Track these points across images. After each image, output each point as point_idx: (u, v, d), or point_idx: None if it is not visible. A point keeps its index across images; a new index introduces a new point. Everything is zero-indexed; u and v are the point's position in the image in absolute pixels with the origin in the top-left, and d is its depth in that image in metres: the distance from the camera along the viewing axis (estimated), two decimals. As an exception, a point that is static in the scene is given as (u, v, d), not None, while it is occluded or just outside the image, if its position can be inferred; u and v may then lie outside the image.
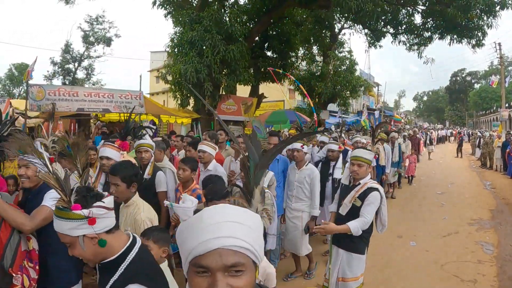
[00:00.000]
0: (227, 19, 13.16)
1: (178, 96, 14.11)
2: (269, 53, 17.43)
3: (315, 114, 9.63)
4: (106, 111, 12.25)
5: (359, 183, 3.51)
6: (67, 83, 33.59)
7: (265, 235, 3.84)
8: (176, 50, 13.50)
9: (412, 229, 7.38)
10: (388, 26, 14.64)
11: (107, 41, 35.58)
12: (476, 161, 20.84)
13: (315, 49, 22.66)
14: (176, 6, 15.27)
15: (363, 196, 3.43)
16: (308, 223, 4.67)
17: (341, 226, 3.39)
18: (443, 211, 9.00)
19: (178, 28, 14.02)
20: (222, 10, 13.22)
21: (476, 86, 70.84)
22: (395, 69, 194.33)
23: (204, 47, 12.17)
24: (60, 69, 35.68)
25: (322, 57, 21.45)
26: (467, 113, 70.26)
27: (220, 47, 12.08)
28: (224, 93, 14.40)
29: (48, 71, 35.34)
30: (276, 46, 16.56)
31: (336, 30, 22.22)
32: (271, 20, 15.16)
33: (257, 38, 16.76)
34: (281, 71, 9.52)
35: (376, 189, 3.46)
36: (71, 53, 35.57)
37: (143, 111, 12.71)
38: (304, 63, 22.00)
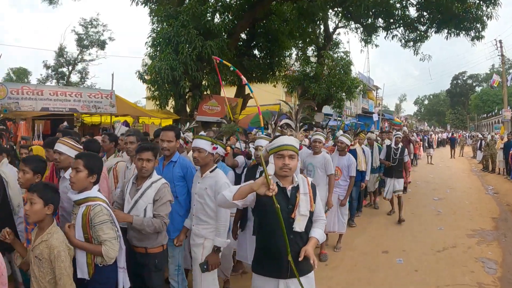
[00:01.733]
0: (208, 14, 12.32)
1: (156, 96, 13.18)
2: (257, 52, 16.54)
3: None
4: (73, 111, 11.48)
5: (297, 183, 2.52)
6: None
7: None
8: (156, 48, 12.67)
9: (401, 242, 6.33)
10: (380, 19, 13.62)
11: (101, 44, 35.34)
12: (478, 164, 19.79)
13: (310, 50, 21.97)
14: (158, 3, 14.40)
15: (314, 195, 2.57)
16: (208, 258, 3.18)
17: (312, 243, 2.47)
18: (439, 220, 7.94)
19: (156, 25, 13.17)
20: (201, 5, 12.27)
21: (478, 89, 70.08)
22: (396, 73, 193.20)
23: (180, 43, 11.33)
24: (53, 73, 35.35)
25: (316, 58, 20.71)
26: (468, 116, 69.18)
27: (197, 42, 11.19)
28: (208, 92, 13.47)
29: (41, 75, 35.24)
30: (263, 44, 15.63)
31: (331, 29, 21.52)
32: (256, 16, 14.20)
33: (243, 36, 15.94)
34: (231, 65, 7.80)
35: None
36: (65, 56, 35.14)
37: (114, 111, 11.82)
38: (297, 63, 21.27)
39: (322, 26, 21.31)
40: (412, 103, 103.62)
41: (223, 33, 12.60)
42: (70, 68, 36.16)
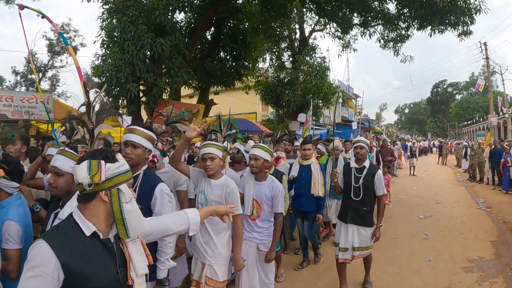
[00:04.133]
0: (161, 6, 10.87)
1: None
2: (223, 54, 15.09)
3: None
4: (2, 117, 9.80)
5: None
6: (30, 94, 31.40)
7: None
8: (106, 47, 11.22)
9: (380, 284, 4.81)
10: (356, 14, 12.30)
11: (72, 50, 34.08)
12: (463, 173, 18.61)
13: (285, 56, 20.83)
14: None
15: None
16: None
17: None
18: (428, 247, 6.49)
19: (104, 23, 11.67)
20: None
21: (458, 97, 70.59)
22: (376, 83, 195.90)
23: (126, 41, 9.87)
24: (22, 79, 34.28)
25: (291, 63, 19.70)
26: (449, 124, 69.25)
27: (145, 39, 9.72)
28: (166, 97, 12.02)
29: (9, 81, 34.62)
30: (228, 45, 14.17)
31: (307, 33, 20.48)
32: (220, 15, 12.82)
33: (208, 36, 14.54)
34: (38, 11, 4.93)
35: None
36: (35, 62, 33.68)
37: (50, 117, 10.18)
38: (271, 69, 20.24)
39: (297, 31, 20.25)
40: (393, 112, 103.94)
41: (181, 31, 11.16)
42: (40, 75, 34.76)
